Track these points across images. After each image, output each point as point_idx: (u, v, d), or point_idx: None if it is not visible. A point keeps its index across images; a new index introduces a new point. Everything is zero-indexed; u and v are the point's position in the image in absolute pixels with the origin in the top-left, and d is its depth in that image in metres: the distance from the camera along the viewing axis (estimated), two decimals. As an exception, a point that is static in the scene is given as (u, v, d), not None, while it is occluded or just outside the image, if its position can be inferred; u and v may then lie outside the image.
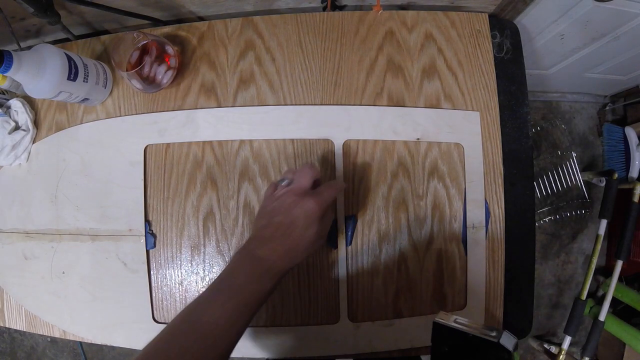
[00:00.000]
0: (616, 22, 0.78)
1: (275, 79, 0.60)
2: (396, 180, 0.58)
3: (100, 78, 0.58)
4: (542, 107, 1.39)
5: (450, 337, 0.35)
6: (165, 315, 0.59)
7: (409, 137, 0.58)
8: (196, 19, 0.66)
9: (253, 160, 0.59)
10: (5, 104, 0.62)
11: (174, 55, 0.58)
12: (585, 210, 1.36)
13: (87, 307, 0.60)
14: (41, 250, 0.61)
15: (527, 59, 0.63)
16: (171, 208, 0.59)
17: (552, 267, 1.40)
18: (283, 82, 0.60)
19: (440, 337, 0.36)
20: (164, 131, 0.59)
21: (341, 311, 0.57)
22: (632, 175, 1.22)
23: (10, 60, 0.45)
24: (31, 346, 1.50)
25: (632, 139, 1.22)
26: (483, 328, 0.34)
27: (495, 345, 0.32)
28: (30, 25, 0.61)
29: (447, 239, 0.58)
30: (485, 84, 0.60)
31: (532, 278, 0.60)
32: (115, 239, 0.59)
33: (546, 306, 1.40)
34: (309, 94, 0.60)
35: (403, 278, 0.58)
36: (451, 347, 0.36)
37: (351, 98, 0.59)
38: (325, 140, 0.58)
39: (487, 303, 0.58)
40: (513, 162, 0.60)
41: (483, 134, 0.59)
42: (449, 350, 0.36)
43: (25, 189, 0.62)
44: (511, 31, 0.62)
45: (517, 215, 0.60)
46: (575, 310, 1.11)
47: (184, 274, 0.59)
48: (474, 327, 0.34)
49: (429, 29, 0.61)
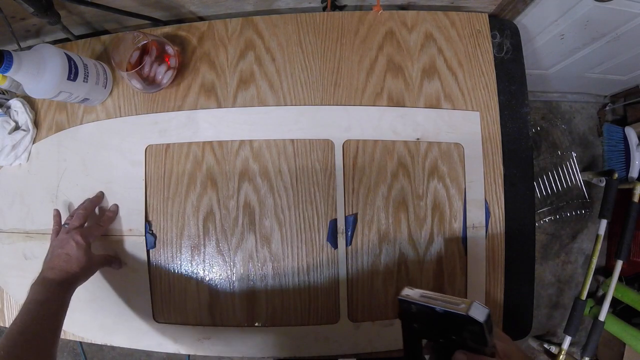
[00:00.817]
0: (616, 22, 0.78)
1: (275, 79, 0.60)
2: (396, 180, 0.58)
3: (100, 78, 0.58)
4: (542, 107, 1.39)
5: (419, 313, 0.33)
6: (166, 315, 0.59)
7: (409, 137, 0.58)
8: (196, 19, 0.66)
9: (253, 160, 0.59)
10: (5, 104, 0.62)
11: (174, 55, 0.58)
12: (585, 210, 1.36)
13: (87, 307, 0.60)
14: (41, 250, 0.61)
15: (527, 59, 0.63)
16: (171, 208, 0.59)
17: (552, 267, 1.40)
18: (283, 82, 0.60)
19: (408, 314, 0.33)
20: (164, 131, 0.59)
21: (341, 311, 0.57)
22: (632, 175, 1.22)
23: (10, 60, 0.45)
24: (31, 346, 1.50)
25: (632, 139, 1.22)
26: (450, 301, 0.32)
27: (465, 317, 0.30)
28: (30, 25, 0.61)
29: (447, 239, 0.58)
30: (485, 84, 0.60)
31: (532, 278, 0.60)
32: (115, 239, 0.59)
33: (546, 306, 1.40)
34: (309, 94, 0.60)
35: (403, 278, 0.58)
36: (421, 323, 0.34)
37: (351, 98, 0.59)
38: (325, 140, 0.58)
39: (487, 303, 0.58)
40: (513, 162, 0.60)
41: (483, 134, 0.59)
42: (418, 327, 0.34)
43: (26, 189, 0.62)
44: (511, 31, 0.62)
45: (517, 215, 0.60)
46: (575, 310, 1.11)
47: (184, 273, 0.59)
48: (440, 300, 0.32)
49: (429, 29, 0.61)
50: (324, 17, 0.61)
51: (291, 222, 0.58)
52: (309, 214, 0.58)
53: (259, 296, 0.58)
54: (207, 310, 0.59)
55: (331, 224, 0.58)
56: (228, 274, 0.59)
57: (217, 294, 0.59)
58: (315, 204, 0.58)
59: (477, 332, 0.31)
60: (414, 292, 0.34)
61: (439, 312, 0.32)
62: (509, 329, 0.59)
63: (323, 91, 0.60)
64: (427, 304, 0.32)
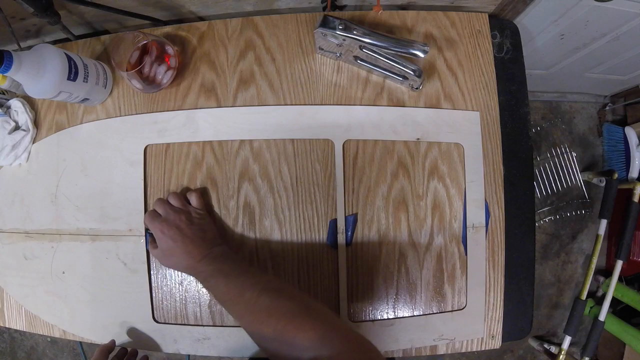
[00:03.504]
0: (616, 22, 0.78)
1: (275, 79, 0.60)
2: (396, 180, 0.58)
3: (100, 78, 0.58)
4: (542, 107, 1.39)
5: None
6: (165, 315, 0.59)
7: (409, 137, 0.58)
8: (196, 19, 0.66)
9: (253, 160, 0.59)
10: (5, 104, 0.62)
11: (174, 55, 0.58)
12: (585, 210, 1.36)
13: (87, 307, 0.60)
14: (41, 250, 0.61)
15: (527, 59, 0.63)
16: (171, 208, 0.59)
17: (552, 267, 1.40)
18: (283, 82, 0.60)
19: None
20: (164, 131, 0.59)
21: (341, 311, 0.57)
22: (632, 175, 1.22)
23: (10, 60, 0.45)
24: (31, 346, 1.50)
25: (632, 139, 1.22)
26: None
27: None
28: (30, 25, 0.61)
29: (447, 239, 0.58)
30: (485, 84, 0.60)
31: (532, 278, 0.60)
32: (115, 239, 0.59)
33: (546, 306, 1.40)
34: (309, 94, 0.60)
35: (403, 278, 0.58)
36: None
37: (351, 98, 0.59)
38: (325, 140, 0.59)
39: (487, 303, 0.58)
40: (513, 162, 0.60)
41: (483, 134, 0.59)
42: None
43: (25, 189, 0.62)
44: (511, 31, 0.62)
45: (517, 215, 0.60)
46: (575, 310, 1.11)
47: (184, 273, 0.59)
48: None
49: (429, 29, 0.61)
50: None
51: (291, 222, 0.58)
52: (309, 214, 0.58)
53: (259, 296, 0.58)
54: (207, 310, 0.59)
55: (331, 224, 0.58)
56: (228, 274, 0.59)
57: (217, 294, 0.59)
58: (315, 204, 0.58)
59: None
60: None
61: None
62: (509, 329, 0.59)
63: (323, 91, 0.60)
64: None
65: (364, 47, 0.53)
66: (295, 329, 0.40)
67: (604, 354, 1.31)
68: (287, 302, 0.44)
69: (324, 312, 0.44)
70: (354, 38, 0.51)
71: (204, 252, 0.50)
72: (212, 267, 0.49)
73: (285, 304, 0.43)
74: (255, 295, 0.44)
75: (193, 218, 0.53)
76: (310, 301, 0.46)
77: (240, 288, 0.46)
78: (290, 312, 0.42)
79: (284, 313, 0.42)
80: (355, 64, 0.58)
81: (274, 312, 0.43)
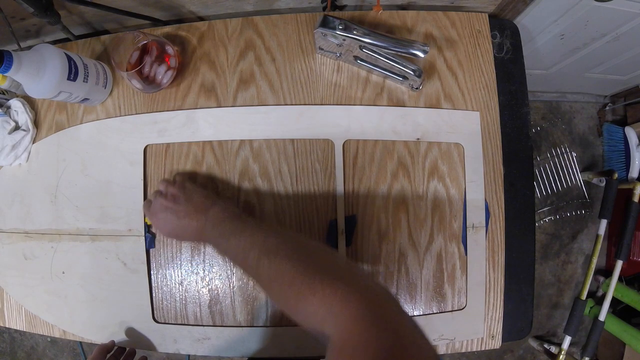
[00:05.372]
0: (616, 22, 0.78)
1: (275, 79, 0.60)
2: (396, 180, 0.58)
3: (100, 78, 0.58)
4: (542, 107, 1.39)
5: None
6: (165, 315, 0.59)
7: (409, 137, 0.58)
8: (196, 19, 0.66)
9: (253, 160, 0.59)
10: (5, 104, 0.62)
11: (174, 55, 0.58)
12: (585, 210, 1.36)
13: (87, 307, 0.60)
14: (41, 250, 0.61)
15: (527, 59, 0.63)
16: (171, 208, 0.59)
17: (552, 267, 1.40)
18: (283, 82, 0.60)
19: None
20: (163, 131, 0.59)
21: (341, 311, 0.57)
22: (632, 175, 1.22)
23: (10, 60, 0.45)
24: (31, 346, 1.50)
25: (632, 139, 1.22)
26: None
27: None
28: (30, 25, 0.61)
29: (447, 239, 0.58)
30: (485, 84, 0.60)
31: (532, 278, 0.60)
32: (115, 239, 0.59)
33: (546, 306, 1.40)
34: (309, 94, 0.60)
35: (403, 278, 0.58)
36: None
37: (351, 98, 0.59)
38: (325, 140, 0.58)
39: (487, 303, 0.58)
40: (513, 162, 0.60)
41: (483, 134, 0.59)
42: None
43: (25, 189, 0.62)
44: (511, 31, 0.62)
45: (517, 215, 0.60)
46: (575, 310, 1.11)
47: (184, 273, 0.59)
48: None
49: (429, 29, 0.61)
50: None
51: (291, 222, 0.58)
52: (309, 214, 0.58)
53: (259, 296, 0.58)
54: (207, 310, 0.59)
55: (331, 224, 0.58)
56: (228, 274, 0.59)
57: (217, 294, 0.59)
58: (315, 204, 0.58)
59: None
60: None
61: None
62: (509, 329, 0.59)
63: (323, 91, 0.60)
64: None
65: (364, 47, 0.53)
66: (296, 295, 0.37)
67: (604, 354, 1.31)
68: (284, 263, 0.39)
69: (329, 266, 0.39)
70: (354, 38, 0.51)
71: (206, 205, 0.50)
72: (216, 230, 0.48)
73: (281, 267, 0.39)
74: (256, 260, 0.41)
75: (182, 187, 0.54)
76: (311, 254, 0.41)
77: (242, 251, 0.44)
78: (289, 274, 0.38)
79: (282, 276, 0.39)
80: (355, 64, 0.58)
81: (273, 277, 0.40)
